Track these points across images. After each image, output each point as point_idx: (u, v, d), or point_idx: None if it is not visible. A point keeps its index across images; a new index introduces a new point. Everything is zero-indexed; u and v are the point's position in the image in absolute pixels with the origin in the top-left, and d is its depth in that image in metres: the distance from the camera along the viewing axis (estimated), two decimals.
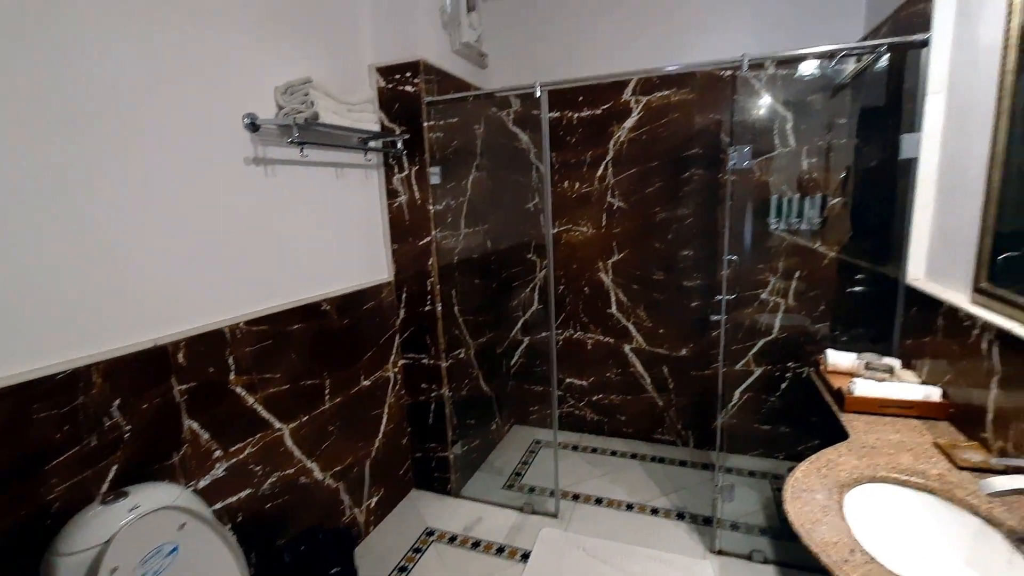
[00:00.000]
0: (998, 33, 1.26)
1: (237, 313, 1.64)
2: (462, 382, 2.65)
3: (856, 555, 0.94)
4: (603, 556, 2.12)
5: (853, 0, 2.25)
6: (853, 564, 0.92)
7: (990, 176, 1.29)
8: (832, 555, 0.94)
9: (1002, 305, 1.22)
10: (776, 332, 2.61)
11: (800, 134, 2.40)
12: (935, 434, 1.36)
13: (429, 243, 2.31)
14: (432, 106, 2.26)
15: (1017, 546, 0.96)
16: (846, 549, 0.96)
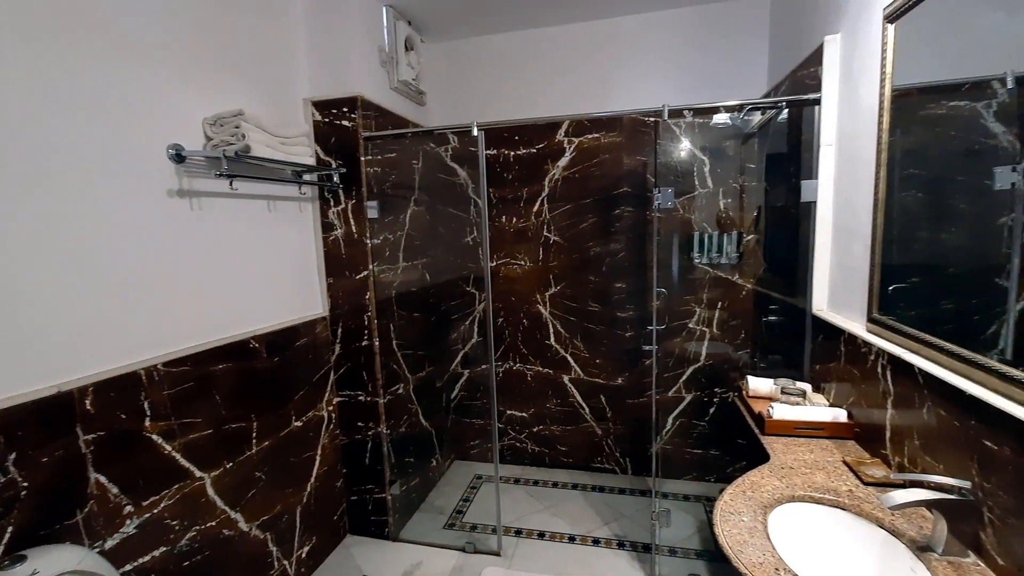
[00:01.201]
0: (875, 97, 1.46)
1: (155, 354, 1.53)
2: (401, 419, 2.58)
3: (781, 573, 1.00)
4: None
5: (758, 61, 2.53)
6: None
7: (875, 219, 1.47)
8: (759, 575, 1.00)
9: (891, 333, 1.38)
10: (703, 359, 2.77)
11: (716, 176, 2.61)
12: (843, 452, 1.49)
13: (366, 277, 2.27)
14: (370, 141, 2.26)
15: (917, 554, 1.06)
16: (772, 568, 1.02)
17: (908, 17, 1.29)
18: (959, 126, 1.20)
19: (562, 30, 2.75)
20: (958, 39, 1.18)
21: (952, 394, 1.10)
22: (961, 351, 1.10)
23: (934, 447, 1.17)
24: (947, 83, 1.24)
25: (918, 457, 1.23)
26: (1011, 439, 0.94)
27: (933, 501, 1.02)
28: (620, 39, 2.69)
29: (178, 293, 1.61)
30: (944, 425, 1.13)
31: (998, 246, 1.06)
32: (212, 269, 1.74)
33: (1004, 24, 1.05)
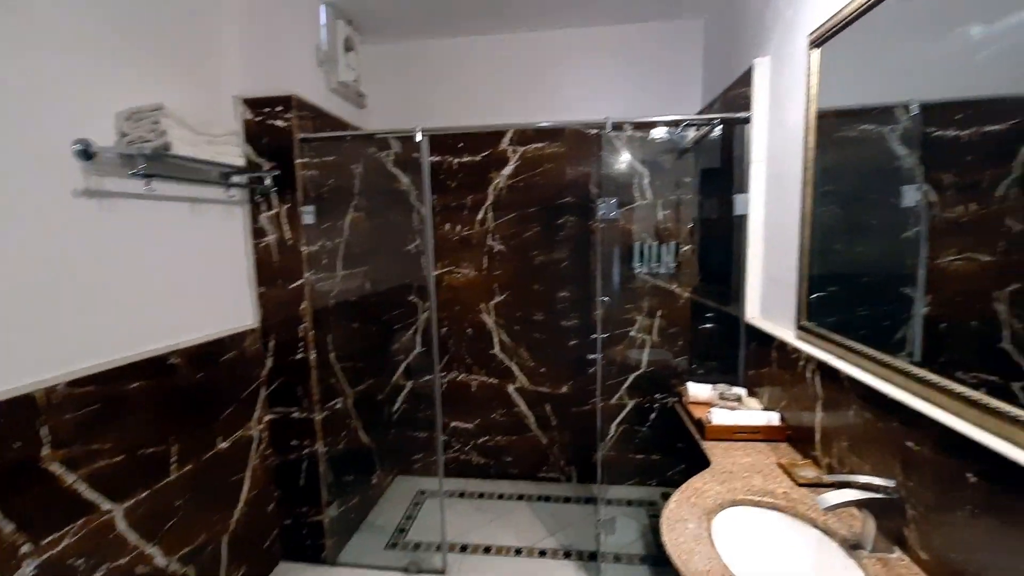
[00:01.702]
0: (801, 117, 1.55)
1: (56, 373, 1.36)
2: (339, 435, 2.45)
3: None
4: None
5: (693, 79, 2.65)
6: None
7: (802, 232, 1.56)
8: None
9: (819, 340, 1.46)
10: (645, 366, 2.84)
11: (655, 189, 2.70)
12: (778, 455, 1.55)
13: (302, 286, 2.15)
14: (306, 143, 2.15)
15: (849, 552, 1.12)
16: (718, 575, 1.03)
17: (831, 43, 1.38)
18: (870, 147, 1.30)
19: (505, 38, 2.75)
20: (875, 67, 1.27)
21: (874, 397, 1.17)
22: (880, 356, 1.18)
23: (861, 448, 1.24)
24: (860, 107, 1.34)
25: (846, 458, 1.30)
26: (929, 438, 1.00)
27: (862, 501, 1.08)
28: (563, 51, 2.73)
29: (85, 304, 1.44)
30: (869, 426, 1.20)
31: (906, 257, 1.15)
32: (125, 278, 1.58)
33: (913, 55, 1.14)
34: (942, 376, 0.99)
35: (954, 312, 1.01)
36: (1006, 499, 0.83)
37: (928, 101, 1.09)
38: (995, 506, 0.85)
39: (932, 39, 1.08)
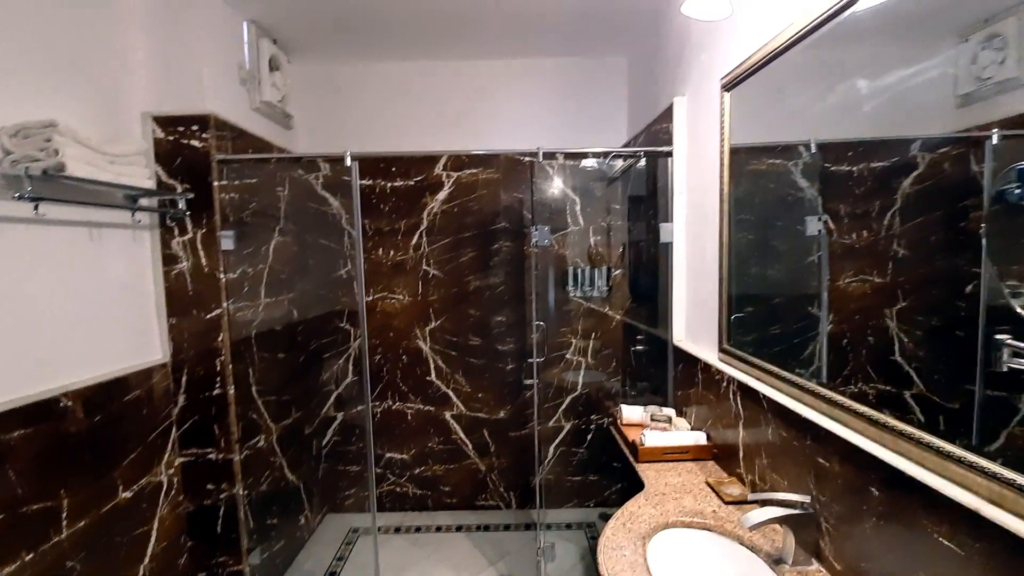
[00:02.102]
0: (716, 153, 1.66)
1: None
2: (261, 474, 2.29)
3: None
4: None
5: (620, 112, 2.78)
6: None
7: (721, 259, 1.66)
8: None
9: (739, 362, 1.54)
10: (580, 388, 2.88)
11: (587, 215, 2.79)
12: (706, 473, 1.61)
13: (219, 316, 2.01)
14: (225, 164, 2.04)
15: (773, 567, 1.17)
16: None
17: (739, 88, 1.50)
18: (777, 181, 1.41)
19: (438, 65, 2.77)
20: (778, 110, 1.39)
21: (787, 415, 1.24)
22: (791, 376, 1.26)
23: (779, 464, 1.31)
24: (769, 145, 1.46)
25: (767, 474, 1.37)
26: (836, 454, 1.08)
27: (782, 517, 1.13)
28: (495, 80, 2.78)
29: None
30: (784, 444, 1.27)
31: (811, 280, 1.25)
32: (6, 313, 1.40)
33: (806, 99, 1.26)
34: (844, 395, 1.08)
35: (854, 329, 1.11)
36: (903, 508, 0.90)
37: (824, 140, 1.21)
38: (895, 516, 0.92)
39: (824, 90, 1.20)
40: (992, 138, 0.77)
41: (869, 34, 1.03)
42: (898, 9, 0.94)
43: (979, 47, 0.77)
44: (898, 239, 0.96)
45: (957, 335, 0.85)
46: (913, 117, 0.94)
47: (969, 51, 0.79)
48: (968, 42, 0.79)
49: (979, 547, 0.76)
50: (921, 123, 0.93)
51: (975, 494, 0.77)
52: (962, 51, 0.80)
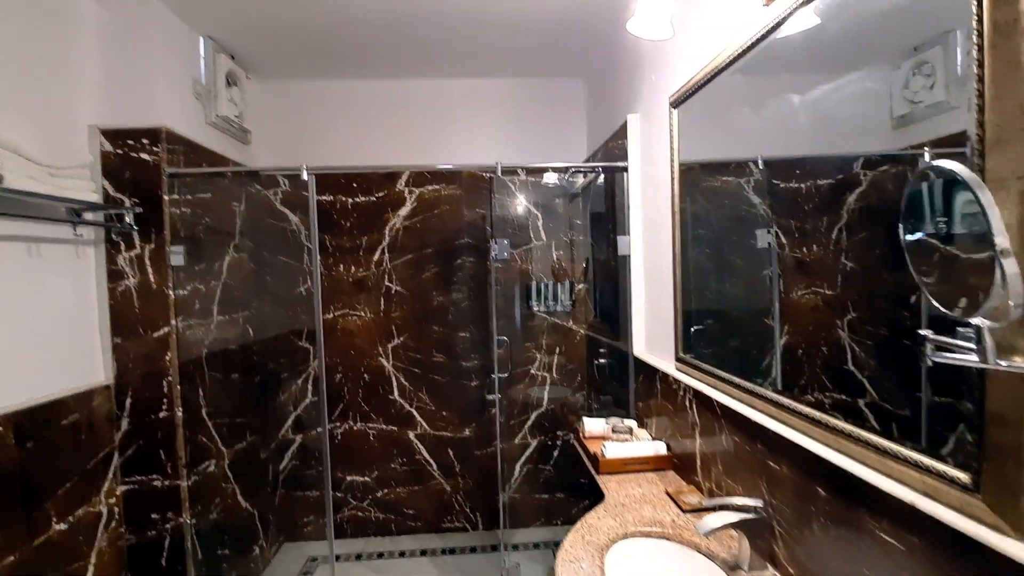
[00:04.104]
0: (667, 168, 1.71)
1: None
2: (211, 502, 2.17)
3: None
4: None
5: (578, 130, 2.85)
6: None
7: (675, 271, 1.69)
8: None
9: (694, 370, 1.56)
10: (546, 404, 2.86)
11: (549, 231, 2.82)
12: (665, 483, 1.61)
13: (167, 335, 1.92)
14: (176, 179, 1.98)
15: (730, 573, 1.17)
16: None
17: (686, 105, 1.56)
18: (731, 197, 1.46)
19: (398, 84, 2.78)
20: (721, 127, 1.44)
21: (741, 422, 1.26)
22: (744, 383, 1.28)
23: (733, 471, 1.33)
24: (720, 161, 1.51)
25: (722, 481, 1.38)
26: (786, 458, 1.09)
27: (736, 523, 1.14)
28: (456, 99, 2.81)
29: None
30: (739, 450, 1.29)
31: (764, 293, 1.29)
32: None
33: (750, 118, 1.32)
34: (794, 399, 1.10)
35: (807, 340, 1.13)
36: (848, 508, 0.92)
37: (769, 157, 1.25)
38: (841, 516, 0.94)
39: (762, 109, 1.25)
40: (924, 156, 0.82)
41: (800, 59, 1.09)
42: (825, 38, 1.00)
43: (911, 73, 0.82)
44: (846, 253, 1.00)
45: (904, 344, 0.88)
46: (855, 136, 0.99)
47: (902, 77, 0.84)
48: (900, 69, 0.84)
49: (916, 540, 0.78)
50: (862, 142, 0.97)
51: (911, 488, 0.79)
52: (895, 77, 0.85)
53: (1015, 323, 0.62)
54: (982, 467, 0.67)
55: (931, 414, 0.81)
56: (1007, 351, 0.63)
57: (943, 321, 0.67)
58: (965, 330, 0.64)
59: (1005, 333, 0.63)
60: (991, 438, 0.66)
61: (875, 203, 0.93)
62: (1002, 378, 0.64)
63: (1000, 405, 0.65)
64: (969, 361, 0.63)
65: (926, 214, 0.62)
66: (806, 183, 1.14)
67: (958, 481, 0.71)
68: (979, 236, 0.55)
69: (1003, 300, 0.55)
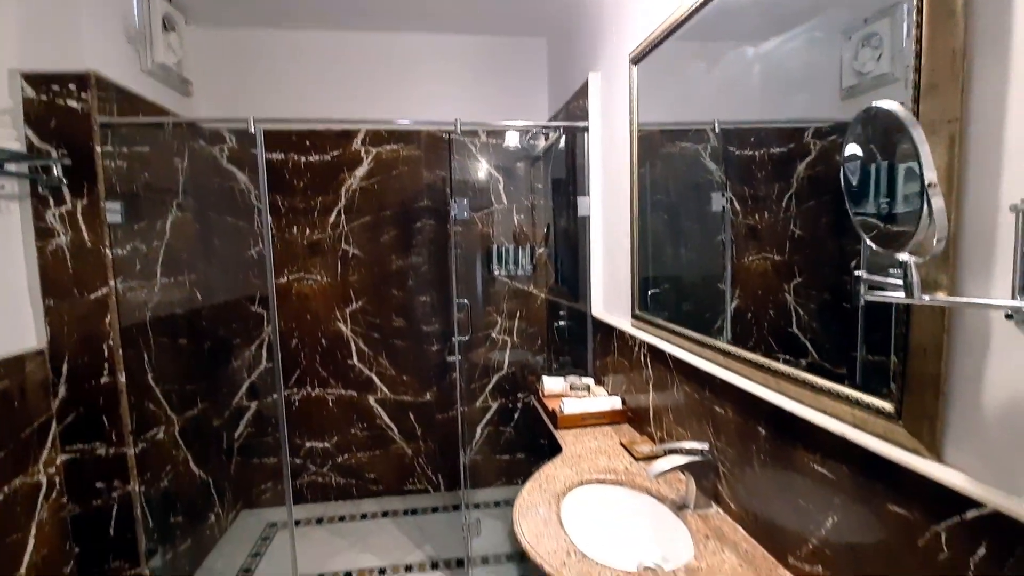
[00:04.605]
0: (626, 129, 1.71)
1: None
2: (162, 470, 2.11)
3: (572, 557, 1.06)
4: None
5: (540, 91, 2.81)
6: (569, 566, 1.03)
7: (632, 231, 1.72)
8: (552, 562, 1.04)
9: (649, 326, 1.61)
10: (506, 367, 2.90)
11: (511, 194, 2.80)
12: (620, 435, 1.67)
13: (106, 297, 1.82)
14: (110, 129, 1.84)
15: (677, 513, 1.23)
16: (563, 553, 1.07)
17: (646, 61, 1.55)
18: (688, 163, 1.48)
19: (353, 36, 2.65)
20: (680, 85, 1.45)
21: (692, 372, 1.31)
22: (695, 335, 1.33)
23: (683, 419, 1.39)
24: (678, 126, 1.52)
25: (673, 430, 1.45)
26: (731, 403, 1.15)
27: (684, 465, 1.20)
28: (413, 55, 2.70)
29: None
30: (689, 400, 1.35)
31: (717, 259, 1.33)
32: None
33: (706, 76, 1.32)
34: (741, 348, 1.15)
35: (757, 304, 1.17)
36: (785, 445, 0.98)
37: (727, 122, 1.27)
38: (778, 453, 1.00)
39: (716, 63, 1.26)
40: None
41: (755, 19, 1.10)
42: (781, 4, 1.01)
43: (860, 45, 0.84)
44: (795, 220, 1.03)
45: (844, 307, 0.93)
46: (806, 105, 1.01)
47: (852, 47, 0.85)
48: (851, 40, 0.86)
49: (845, 469, 0.84)
50: (813, 110, 0.99)
51: (842, 421, 0.85)
52: (846, 47, 0.87)
53: (938, 259, 0.66)
54: (904, 397, 0.73)
55: (863, 353, 0.86)
56: (931, 287, 0.68)
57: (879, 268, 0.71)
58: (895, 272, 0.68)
59: (929, 270, 0.68)
60: (913, 369, 0.71)
61: (823, 173, 0.96)
62: (925, 312, 0.69)
63: (922, 338, 0.70)
64: (898, 298, 0.66)
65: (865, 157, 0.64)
66: (760, 151, 1.16)
67: (883, 411, 0.76)
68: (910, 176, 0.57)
69: (928, 234, 0.58)
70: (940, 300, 0.66)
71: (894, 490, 0.75)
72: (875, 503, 0.78)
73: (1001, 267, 0.60)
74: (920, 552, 0.71)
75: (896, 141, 0.58)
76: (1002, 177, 0.60)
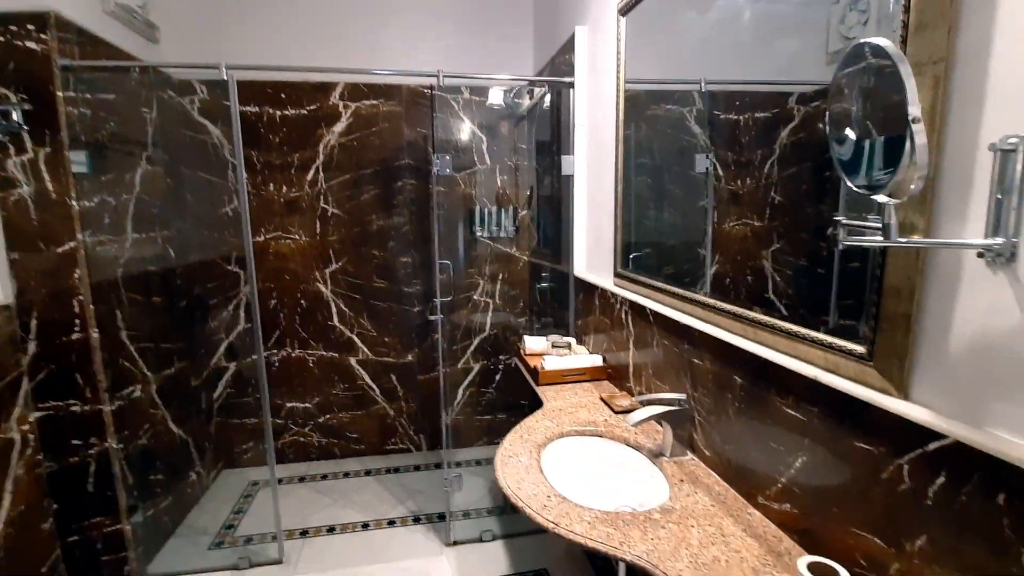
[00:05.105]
0: (612, 84, 1.68)
1: None
2: (140, 428, 2.09)
3: (552, 500, 1.09)
4: None
5: (525, 46, 2.73)
6: (550, 507, 1.06)
7: (616, 189, 1.71)
8: (533, 505, 1.07)
9: (630, 283, 1.62)
10: (488, 329, 2.91)
11: (494, 154, 2.75)
12: (600, 391, 1.71)
13: (74, 250, 1.75)
14: (71, 73, 1.74)
15: (653, 460, 1.27)
16: (544, 496, 1.10)
17: (635, 12, 1.52)
18: (673, 126, 1.47)
19: None
20: (668, 39, 1.42)
21: (672, 326, 1.34)
22: (677, 290, 1.35)
23: (662, 373, 1.42)
24: (664, 86, 1.50)
25: (652, 384, 1.48)
26: (709, 353, 1.18)
27: (661, 414, 1.23)
28: (394, 5, 2.59)
29: None
30: (668, 353, 1.37)
31: (700, 223, 1.34)
32: None
33: (695, 26, 1.30)
34: (718, 299, 1.17)
35: (735, 268, 1.19)
36: (759, 391, 1.01)
37: (713, 82, 1.26)
38: (752, 399, 1.04)
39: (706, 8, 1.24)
40: None
41: None
42: None
43: (847, 8, 0.83)
44: (776, 187, 1.04)
45: (819, 272, 0.95)
46: (792, 68, 1.00)
47: (840, 10, 0.84)
48: (839, 3, 0.84)
49: (816, 410, 0.88)
50: (798, 73, 0.99)
51: (815, 366, 0.87)
52: (833, 11, 0.85)
53: (916, 202, 0.67)
54: (876, 338, 0.75)
55: (839, 298, 0.88)
56: (908, 231, 0.69)
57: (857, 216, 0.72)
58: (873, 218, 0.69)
59: (907, 213, 0.69)
60: (887, 310, 0.73)
61: (805, 139, 0.96)
62: (901, 255, 0.71)
63: (897, 280, 0.72)
64: (875, 241, 0.68)
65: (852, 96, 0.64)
66: (744, 115, 1.16)
67: (855, 353, 0.79)
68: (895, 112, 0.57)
69: (908, 174, 0.59)
70: (916, 242, 0.68)
71: (861, 429, 0.78)
72: (843, 442, 0.82)
73: (976, 209, 0.62)
74: (882, 484, 0.74)
75: (884, 78, 0.58)
76: (983, 118, 0.61)
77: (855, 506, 0.80)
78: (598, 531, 0.98)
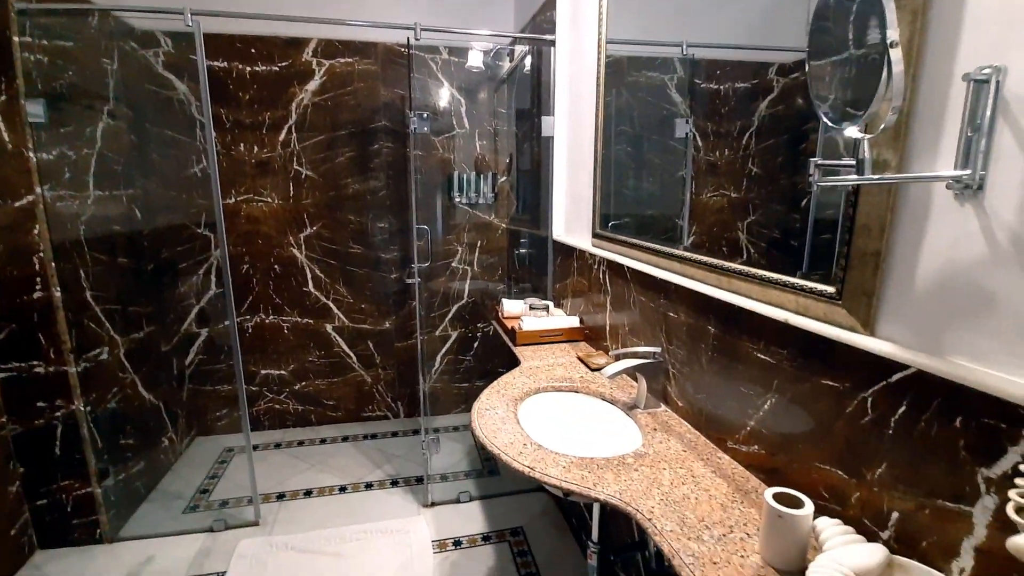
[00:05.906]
0: (594, 42, 1.66)
1: None
2: (108, 391, 2.04)
3: (528, 447, 1.11)
4: (315, 547, 1.97)
5: (507, 6, 2.65)
6: (526, 454, 1.07)
7: (595, 148, 1.70)
8: (510, 452, 1.08)
9: (606, 242, 1.63)
10: (466, 297, 2.90)
11: (473, 118, 2.70)
12: (577, 351, 1.73)
13: (32, 204, 1.68)
14: (29, 17, 1.64)
15: (628, 412, 1.30)
16: (520, 444, 1.11)
17: None
18: (654, 94, 1.46)
19: None
20: None
21: (649, 282, 1.35)
22: (654, 245, 1.35)
23: (638, 330, 1.44)
24: (646, 46, 1.48)
25: (628, 341, 1.50)
26: (684, 305, 1.19)
27: (636, 367, 1.25)
28: None
29: None
30: (644, 310, 1.39)
31: (678, 193, 1.34)
32: None
33: None
34: (694, 252, 1.18)
35: (711, 240, 1.19)
36: (731, 338, 1.03)
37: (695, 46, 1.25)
38: (724, 347, 1.06)
39: None
40: None
41: None
42: None
43: None
44: (753, 158, 1.04)
45: (792, 244, 0.96)
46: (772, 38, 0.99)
47: None
48: None
49: (785, 352, 0.90)
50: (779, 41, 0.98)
51: (786, 309, 0.89)
52: None
53: (889, 137, 0.68)
54: (846, 276, 0.77)
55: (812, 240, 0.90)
56: (881, 167, 0.70)
57: None
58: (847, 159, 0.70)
59: (880, 150, 0.70)
60: (856, 249, 0.75)
61: (783, 112, 0.96)
62: (872, 192, 0.72)
63: (867, 218, 0.73)
64: (849, 180, 0.69)
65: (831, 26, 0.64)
66: (724, 84, 1.15)
67: (825, 294, 0.81)
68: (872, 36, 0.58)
69: (884, 106, 0.59)
70: (888, 178, 0.69)
71: (828, 367, 0.81)
72: (809, 381, 0.84)
73: (947, 143, 0.63)
74: (847, 417, 0.77)
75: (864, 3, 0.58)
76: (959, 50, 0.61)
77: (820, 442, 0.83)
78: (573, 474, 1.00)
